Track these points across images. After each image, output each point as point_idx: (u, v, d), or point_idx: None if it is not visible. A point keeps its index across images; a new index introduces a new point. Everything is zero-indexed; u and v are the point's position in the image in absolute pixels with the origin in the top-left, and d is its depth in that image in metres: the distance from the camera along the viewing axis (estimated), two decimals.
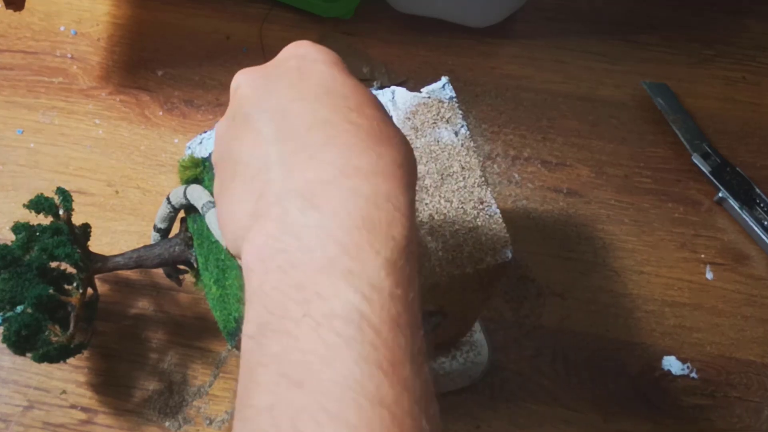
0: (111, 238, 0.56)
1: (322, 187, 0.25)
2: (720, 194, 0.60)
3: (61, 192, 0.46)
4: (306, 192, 0.25)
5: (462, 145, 0.42)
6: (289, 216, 0.25)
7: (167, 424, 0.51)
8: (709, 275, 0.58)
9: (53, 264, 0.45)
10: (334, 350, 0.22)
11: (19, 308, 0.43)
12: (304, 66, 0.29)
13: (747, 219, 0.59)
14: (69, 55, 0.65)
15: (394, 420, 0.21)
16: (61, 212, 0.46)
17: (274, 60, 0.30)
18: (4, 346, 0.43)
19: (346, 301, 0.23)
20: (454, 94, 0.43)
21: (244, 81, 0.30)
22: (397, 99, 0.44)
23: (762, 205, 0.60)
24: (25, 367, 0.52)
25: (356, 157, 0.25)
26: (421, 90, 0.44)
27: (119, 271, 0.50)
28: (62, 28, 0.66)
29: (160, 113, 0.62)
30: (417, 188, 0.39)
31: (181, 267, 0.49)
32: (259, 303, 0.25)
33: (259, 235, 0.25)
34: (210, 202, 0.40)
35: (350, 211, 0.24)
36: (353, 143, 0.26)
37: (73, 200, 0.46)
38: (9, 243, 0.45)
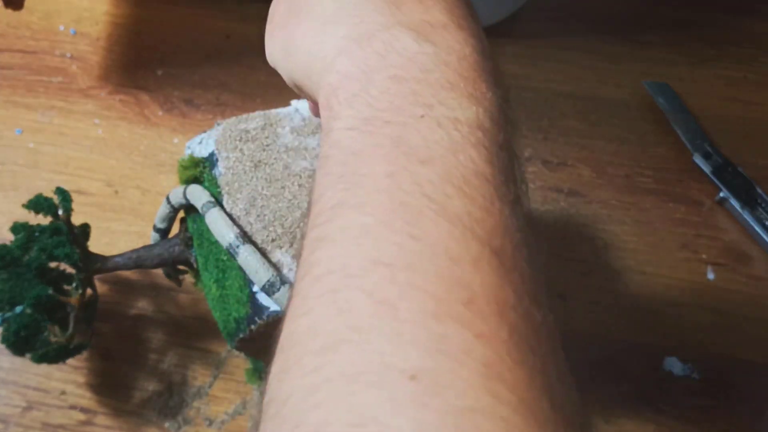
0: (110, 238, 0.56)
1: (435, 29, 0.25)
2: (721, 194, 0.60)
3: (61, 192, 0.46)
4: (418, 28, 0.25)
5: None
6: (400, 42, 0.24)
7: (167, 424, 0.51)
8: (711, 276, 0.58)
9: (52, 264, 0.45)
10: (459, 145, 0.22)
11: (18, 309, 0.43)
12: None
13: (748, 219, 0.59)
14: (68, 55, 0.65)
15: (514, 214, 0.22)
16: (60, 212, 0.45)
17: None
18: (3, 346, 0.43)
19: (471, 113, 0.23)
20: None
21: None
22: None
23: (764, 205, 0.59)
24: (24, 368, 0.52)
25: (462, 17, 0.26)
26: None
27: (119, 272, 0.50)
28: (61, 28, 0.66)
29: (160, 113, 0.62)
30: None
31: (181, 267, 0.49)
32: (360, 104, 0.24)
33: (362, 51, 0.25)
34: (209, 202, 0.40)
35: (466, 54, 0.24)
36: (458, 4, 0.27)
37: (72, 200, 0.46)
38: (8, 243, 0.45)
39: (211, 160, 0.42)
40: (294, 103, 0.44)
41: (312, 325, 0.20)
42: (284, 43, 0.29)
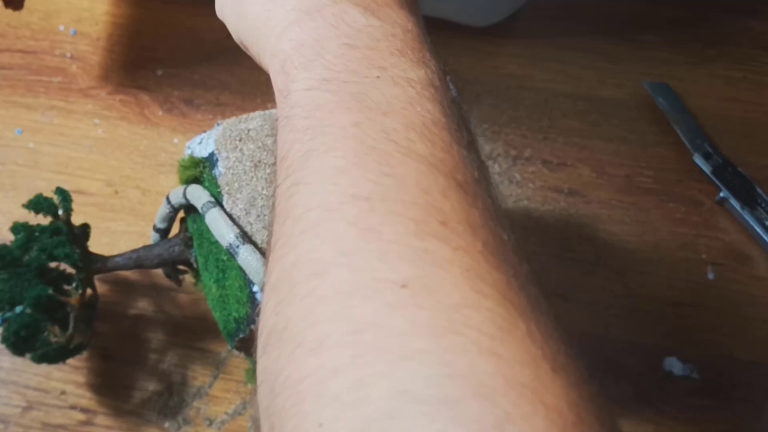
0: (110, 239, 0.56)
1: (379, 6, 0.27)
2: (721, 194, 0.60)
3: (61, 192, 0.46)
4: (364, 4, 0.26)
5: None
6: (349, 15, 0.26)
7: (167, 424, 0.51)
8: (711, 275, 0.58)
9: (52, 264, 0.45)
10: (415, 99, 0.24)
11: (18, 309, 0.43)
12: None
13: (748, 219, 0.59)
14: (68, 55, 0.65)
15: (470, 155, 0.23)
16: (60, 212, 0.45)
17: None
18: (3, 346, 0.43)
19: (422, 75, 0.25)
20: (455, 94, 0.43)
21: None
22: None
23: (763, 205, 0.59)
24: (24, 368, 0.52)
25: None
26: None
27: (119, 272, 0.50)
28: (61, 28, 0.66)
29: (160, 113, 0.62)
30: None
31: (181, 267, 0.49)
32: (316, 67, 0.25)
33: (313, 22, 0.26)
34: (209, 202, 0.40)
35: (409, 29, 0.26)
36: None
37: (72, 200, 0.46)
38: (8, 243, 0.45)
39: (211, 160, 0.42)
40: None
41: (299, 258, 0.22)
42: (234, 4, 0.30)
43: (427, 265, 0.20)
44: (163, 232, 0.47)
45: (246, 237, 0.39)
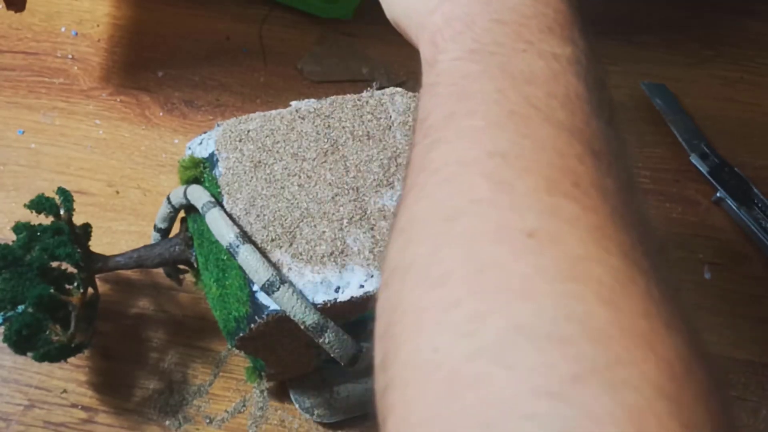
0: (111, 238, 0.57)
1: None
2: (718, 194, 0.61)
3: (62, 192, 0.46)
4: None
5: None
6: None
7: (167, 423, 0.51)
8: (708, 275, 0.58)
9: (54, 264, 0.46)
10: (559, 72, 0.25)
11: (20, 308, 0.44)
12: None
13: (745, 219, 0.59)
14: (70, 56, 0.65)
15: (609, 129, 0.24)
16: (61, 212, 0.46)
17: None
18: (5, 345, 0.44)
19: (568, 50, 0.26)
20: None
21: None
22: (396, 100, 0.44)
23: (760, 205, 0.60)
24: (25, 367, 0.52)
25: None
26: None
27: (120, 271, 0.51)
28: (63, 29, 0.66)
29: (161, 114, 0.63)
30: None
31: (182, 267, 0.49)
32: (465, 40, 0.26)
33: None
34: (210, 202, 0.41)
35: (561, 8, 0.27)
36: None
37: (73, 200, 0.47)
38: (10, 243, 0.45)
39: (211, 161, 0.43)
40: (294, 104, 0.45)
41: (432, 204, 0.23)
42: None
43: (556, 218, 0.21)
44: (164, 232, 0.47)
45: (246, 237, 0.39)
